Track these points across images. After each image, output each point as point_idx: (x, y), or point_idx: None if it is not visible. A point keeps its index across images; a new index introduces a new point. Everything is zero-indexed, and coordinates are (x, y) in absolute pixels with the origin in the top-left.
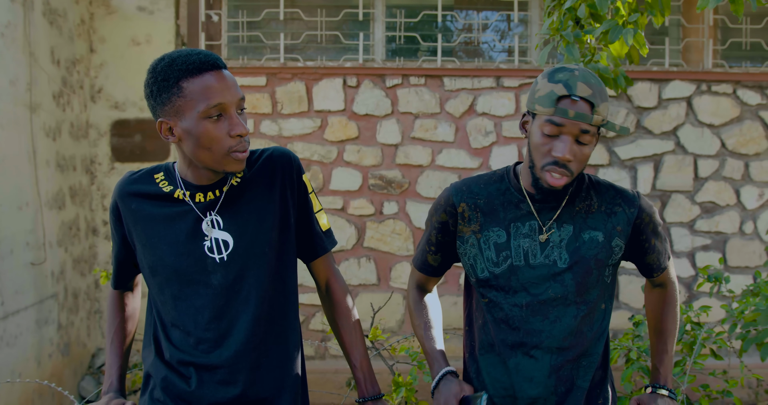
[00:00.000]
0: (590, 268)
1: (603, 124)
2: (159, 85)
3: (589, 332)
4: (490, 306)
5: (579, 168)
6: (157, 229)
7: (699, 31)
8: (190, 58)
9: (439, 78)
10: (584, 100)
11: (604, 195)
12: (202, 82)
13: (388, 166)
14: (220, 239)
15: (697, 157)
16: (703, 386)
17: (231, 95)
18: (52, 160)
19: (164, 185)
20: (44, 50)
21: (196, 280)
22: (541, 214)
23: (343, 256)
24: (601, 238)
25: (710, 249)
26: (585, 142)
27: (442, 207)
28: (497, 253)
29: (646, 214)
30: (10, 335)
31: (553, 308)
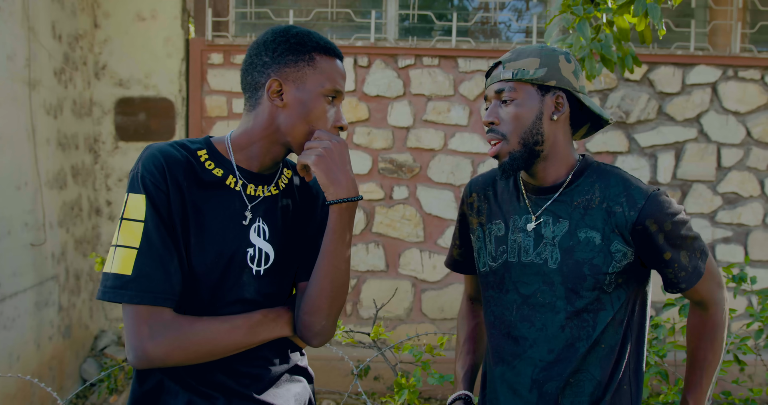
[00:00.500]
0: (583, 274)
1: (515, 75)
2: (290, 45)
3: (582, 347)
4: (488, 305)
5: (511, 129)
6: (204, 221)
7: (727, 13)
8: (326, 40)
9: (453, 59)
10: (499, 63)
11: (610, 189)
12: (334, 64)
13: (399, 149)
14: (263, 250)
15: (720, 146)
16: (725, 393)
17: (343, 87)
18: (52, 139)
19: (212, 167)
20: (45, 25)
21: (229, 289)
22: (535, 206)
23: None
24: (599, 240)
25: (731, 241)
26: (507, 99)
27: (462, 198)
28: (496, 246)
29: (651, 220)
30: (7, 318)
31: (540, 314)
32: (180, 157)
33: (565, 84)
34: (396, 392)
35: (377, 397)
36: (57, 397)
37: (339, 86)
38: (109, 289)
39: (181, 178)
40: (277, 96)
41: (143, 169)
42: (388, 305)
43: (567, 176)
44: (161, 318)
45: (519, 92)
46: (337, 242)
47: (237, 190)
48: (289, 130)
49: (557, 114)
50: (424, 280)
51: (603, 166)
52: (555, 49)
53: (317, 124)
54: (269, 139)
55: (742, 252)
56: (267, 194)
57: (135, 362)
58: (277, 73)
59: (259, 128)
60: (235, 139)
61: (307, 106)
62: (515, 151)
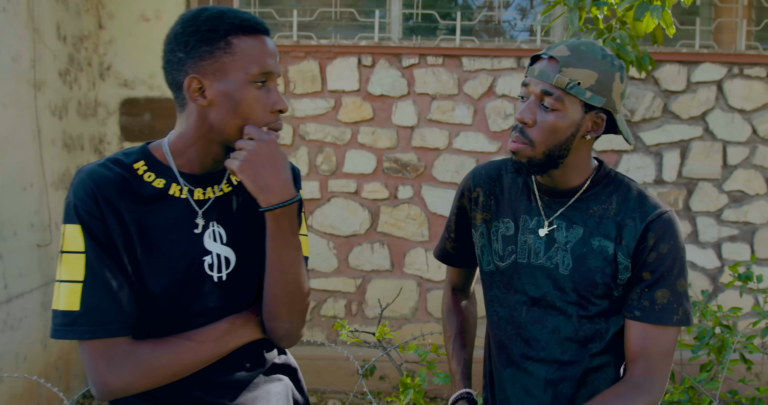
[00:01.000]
0: (595, 282)
1: (570, 88)
2: (201, 35)
3: (596, 348)
4: (491, 304)
5: (542, 138)
6: (150, 239)
7: (732, 10)
8: (242, 15)
9: (457, 58)
10: (554, 59)
11: (627, 203)
12: (255, 43)
13: (403, 148)
14: (222, 255)
15: (726, 144)
16: (732, 392)
17: (277, 66)
18: (58, 140)
19: (152, 179)
20: (49, 26)
21: (191, 302)
22: (548, 208)
23: (356, 241)
24: (611, 249)
25: (737, 240)
26: (549, 107)
27: (461, 191)
28: (504, 246)
29: (653, 234)
30: (14, 318)
31: (552, 317)
32: (112, 176)
33: (610, 106)
34: (401, 392)
35: (383, 396)
36: (63, 397)
37: (267, 67)
38: (60, 328)
39: (116, 199)
40: (200, 94)
41: (74, 197)
42: (393, 305)
43: (584, 183)
44: (119, 349)
45: (566, 104)
46: (281, 248)
47: (183, 198)
48: (222, 127)
49: (592, 134)
50: (430, 280)
51: (622, 177)
52: (614, 63)
53: (251, 115)
54: (204, 139)
55: (748, 250)
56: (219, 194)
57: (98, 396)
58: (193, 69)
59: (192, 130)
60: (172, 144)
61: (234, 99)
62: (536, 159)
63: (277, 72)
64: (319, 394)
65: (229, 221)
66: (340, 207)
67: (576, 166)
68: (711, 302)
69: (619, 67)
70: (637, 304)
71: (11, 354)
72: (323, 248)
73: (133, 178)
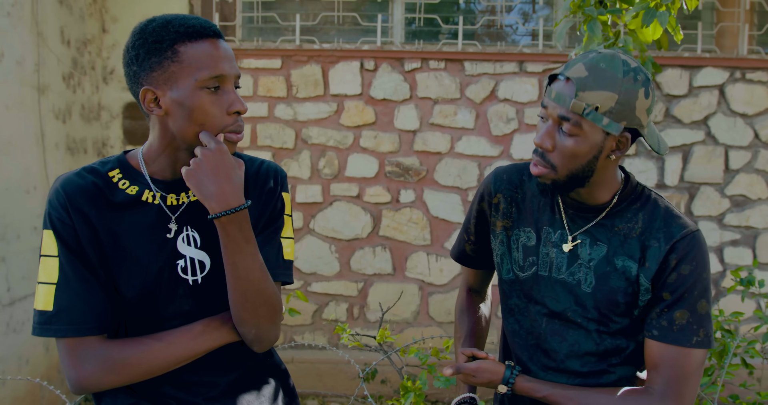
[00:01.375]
0: (617, 302)
1: (586, 114)
2: (149, 47)
3: (616, 360)
4: (512, 313)
5: (563, 163)
6: (122, 243)
7: (734, 15)
8: (188, 22)
9: (459, 62)
10: (571, 81)
11: (653, 223)
12: (202, 48)
13: (405, 152)
14: (195, 259)
15: (728, 148)
16: (733, 397)
17: (231, 68)
18: (61, 143)
19: (125, 186)
20: (53, 30)
21: (166, 305)
22: (573, 223)
23: (358, 245)
24: (635, 270)
25: (740, 244)
26: (567, 133)
27: (481, 194)
28: (525, 256)
29: (675, 255)
30: (17, 321)
31: (573, 331)
32: (84, 184)
33: (636, 123)
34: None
35: (384, 400)
36: (66, 399)
37: (217, 70)
38: (37, 326)
39: (87, 206)
40: (155, 105)
41: (49, 205)
42: (395, 309)
43: (612, 199)
44: (88, 347)
45: (585, 128)
46: (234, 255)
47: (156, 204)
48: (183, 135)
49: (616, 153)
50: (431, 284)
51: (649, 193)
52: (637, 78)
53: (206, 120)
54: (170, 147)
55: (750, 255)
56: (193, 199)
57: (72, 390)
58: (146, 80)
59: (158, 139)
60: (145, 153)
61: (186, 106)
62: (560, 181)
63: (231, 73)
64: (320, 398)
65: (204, 226)
66: (342, 211)
67: (602, 184)
68: (713, 307)
69: (644, 81)
70: (655, 323)
71: (14, 357)
72: (325, 252)
73: (107, 186)
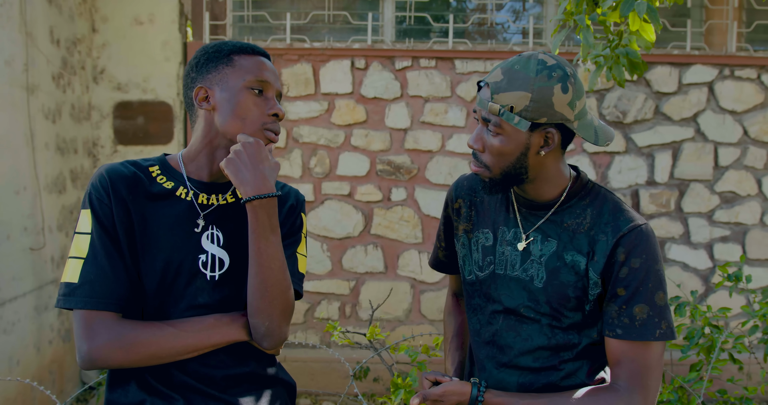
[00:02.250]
0: (567, 296)
1: (501, 114)
2: (209, 56)
3: (568, 355)
4: (474, 313)
5: (493, 163)
6: (151, 231)
7: (723, 12)
8: (244, 43)
9: (450, 60)
10: (488, 86)
11: (600, 218)
12: (253, 59)
13: (396, 151)
14: (216, 256)
15: (717, 145)
16: (721, 392)
17: (274, 80)
18: (51, 143)
19: (163, 181)
20: (43, 30)
21: (181, 295)
22: (525, 221)
23: (349, 244)
24: (583, 265)
25: (729, 240)
26: (492, 132)
27: (446, 201)
28: (483, 256)
29: (623, 249)
30: (6, 322)
31: (527, 325)
32: (127, 172)
33: (558, 118)
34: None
35: (377, 398)
36: (56, 400)
37: (263, 77)
38: (60, 297)
39: (125, 192)
40: (205, 101)
41: (91, 186)
42: (387, 307)
43: (561, 196)
44: (104, 321)
45: (506, 128)
46: (260, 241)
47: (188, 200)
48: (226, 129)
49: (545, 149)
50: (423, 282)
51: (598, 189)
52: (551, 75)
53: (247, 115)
54: (212, 144)
55: (740, 251)
56: (222, 202)
57: (80, 363)
58: (201, 81)
59: (201, 136)
60: (185, 153)
61: (232, 102)
62: (496, 179)
63: (274, 86)
64: (313, 397)
65: (228, 227)
66: (333, 209)
67: (547, 180)
68: (702, 303)
69: (561, 76)
70: (617, 322)
71: (4, 357)
72: (317, 250)
73: (146, 178)
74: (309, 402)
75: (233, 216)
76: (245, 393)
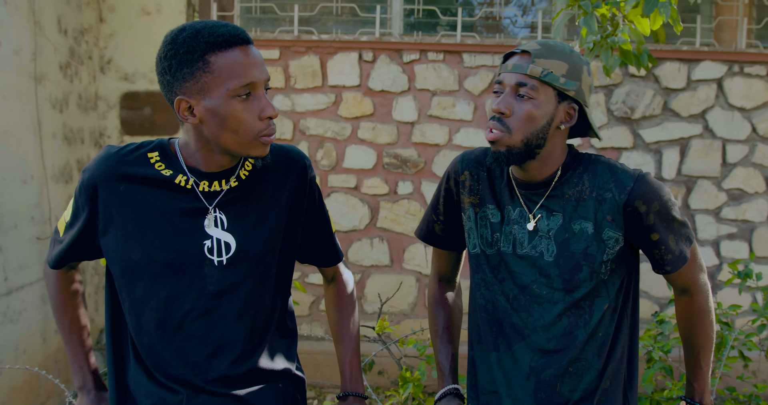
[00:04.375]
0: (579, 264)
1: (544, 76)
2: (181, 58)
3: (581, 335)
4: (478, 287)
5: (520, 126)
6: (150, 219)
7: (733, 8)
8: (218, 30)
9: (458, 54)
10: (525, 53)
11: (597, 178)
12: (232, 57)
13: (403, 144)
14: (222, 240)
15: (726, 142)
16: (730, 389)
17: (260, 73)
18: (58, 133)
19: (161, 168)
20: (51, 19)
21: (188, 282)
22: (528, 200)
23: (355, 236)
24: (591, 229)
25: (736, 238)
26: (525, 96)
27: (448, 173)
28: (491, 232)
29: (641, 201)
30: (13, 311)
31: (538, 305)
32: (127, 157)
33: (581, 97)
34: (401, 386)
35: (381, 391)
36: (65, 389)
37: (247, 78)
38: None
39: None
40: (189, 113)
41: (86, 168)
42: (392, 300)
43: (556, 172)
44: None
45: (541, 93)
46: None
47: (188, 188)
48: (217, 140)
49: (565, 124)
50: (429, 275)
51: (587, 156)
52: (581, 57)
53: (239, 127)
54: (206, 149)
55: (746, 248)
56: (225, 188)
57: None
58: (180, 90)
59: (193, 141)
60: (181, 146)
61: (220, 115)
62: (515, 148)
63: (260, 79)
64: (317, 389)
65: (231, 209)
66: (339, 202)
67: (550, 157)
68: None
69: (586, 62)
70: (663, 261)
71: (11, 347)
72: None
73: (146, 163)
74: (314, 394)
75: (236, 199)
76: (249, 387)
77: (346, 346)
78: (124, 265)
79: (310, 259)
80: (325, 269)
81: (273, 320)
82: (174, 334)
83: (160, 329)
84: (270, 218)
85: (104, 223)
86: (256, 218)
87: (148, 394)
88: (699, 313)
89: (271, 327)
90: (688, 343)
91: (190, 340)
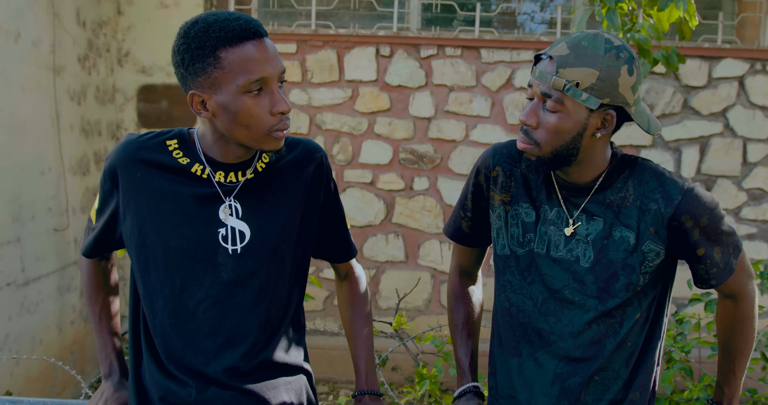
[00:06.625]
0: (616, 273)
1: (566, 90)
2: (192, 53)
3: (610, 344)
4: (504, 289)
5: (548, 140)
6: (165, 205)
7: (756, 5)
8: (229, 24)
9: (476, 49)
10: (552, 59)
11: (643, 186)
12: (242, 52)
13: (420, 139)
14: (236, 229)
15: (746, 141)
16: (751, 391)
17: (273, 67)
18: (76, 125)
19: (179, 156)
20: (69, 11)
21: (201, 270)
22: (568, 202)
23: (370, 232)
24: (633, 239)
25: (756, 238)
26: (549, 109)
27: (478, 168)
28: (523, 232)
29: (688, 216)
30: (30, 302)
31: (568, 311)
32: (146, 143)
33: (620, 101)
34: (417, 382)
35: (395, 387)
36: (81, 380)
37: (258, 73)
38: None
39: (140, 164)
40: (202, 107)
41: (110, 152)
42: (407, 296)
43: (600, 176)
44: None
45: (566, 105)
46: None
47: (204, 177)
48: (231, 135)
49: (602, 131)
50: (444, 272)
51: (633, 159)
52: (619, 55)
53: (251, 122)
54: (222, 141)
55: (766, 249)
56: (242, 180)
57: None
58: (193, 84)
59: (209, 134)
60: (200, 136)
61: (231, 110)
62: (545, 158)
63: (273, 74)
64: (331, 384)
65: (247, 199)
66: (355, 197)
67: (589, 163)
68: None
69: (627, 59)
70: (708, 276)
71: (27, 337)
72: None
73: (165, 151)
74: (327, 389)
75: (252, 189)
76: (261, 380)
77: (361, 344)
78: (139, 251)
79: (324, 254)
80: (339, 265)
81: (288, 313)
82: (187, 322)
83: (173, 317)
84: (285, 209)
85: (123, 208)
86: (272, 208)
87: (158, 386)
88: (743, 319)
89: (285, 319)
90: (725, 347)
91: (203, 329)
